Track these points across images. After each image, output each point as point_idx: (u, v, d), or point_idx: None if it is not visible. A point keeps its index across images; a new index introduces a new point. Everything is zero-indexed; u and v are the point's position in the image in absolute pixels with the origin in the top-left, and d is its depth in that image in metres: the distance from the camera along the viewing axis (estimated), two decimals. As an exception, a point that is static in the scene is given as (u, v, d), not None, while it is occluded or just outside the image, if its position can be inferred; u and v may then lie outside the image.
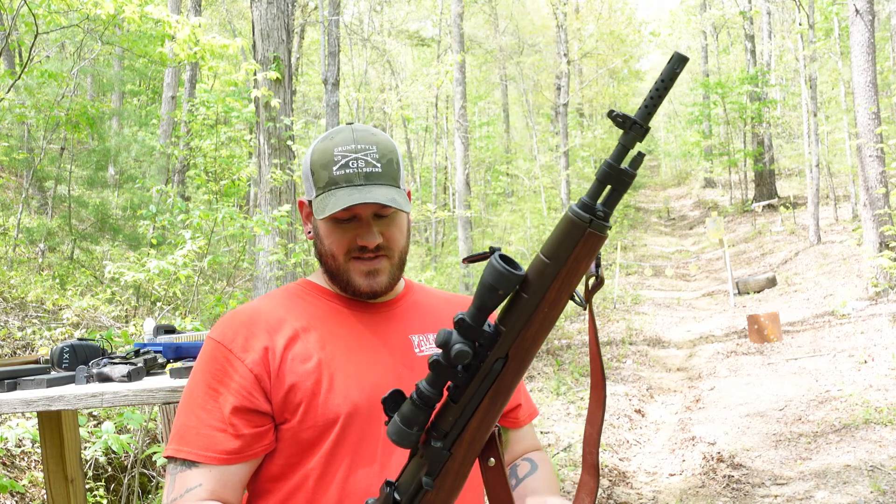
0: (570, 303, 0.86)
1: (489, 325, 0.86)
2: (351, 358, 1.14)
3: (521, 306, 0.84)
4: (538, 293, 0.83)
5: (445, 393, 0.89)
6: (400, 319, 1.23)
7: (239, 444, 1.08)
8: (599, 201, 0.81)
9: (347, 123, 1.21)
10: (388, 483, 0.94)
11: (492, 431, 0.92)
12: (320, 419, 1.09)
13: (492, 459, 0.93)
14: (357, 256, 1.16)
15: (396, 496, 0.93)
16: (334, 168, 1.14)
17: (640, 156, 0.80)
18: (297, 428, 1.10)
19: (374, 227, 1.15)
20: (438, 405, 0.90)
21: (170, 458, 1.10)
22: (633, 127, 0.78)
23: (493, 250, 0.84)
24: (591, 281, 0.87)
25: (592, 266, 0.85)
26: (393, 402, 0.90)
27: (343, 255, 1.16)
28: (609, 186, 0.81)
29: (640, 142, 0.79)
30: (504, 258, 0.83)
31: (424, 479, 0.91)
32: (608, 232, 0.82)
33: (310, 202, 1.21)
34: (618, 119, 0.78)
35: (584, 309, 0.88)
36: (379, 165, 1.15)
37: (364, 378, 1.12)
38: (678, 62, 0.77)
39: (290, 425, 1.10)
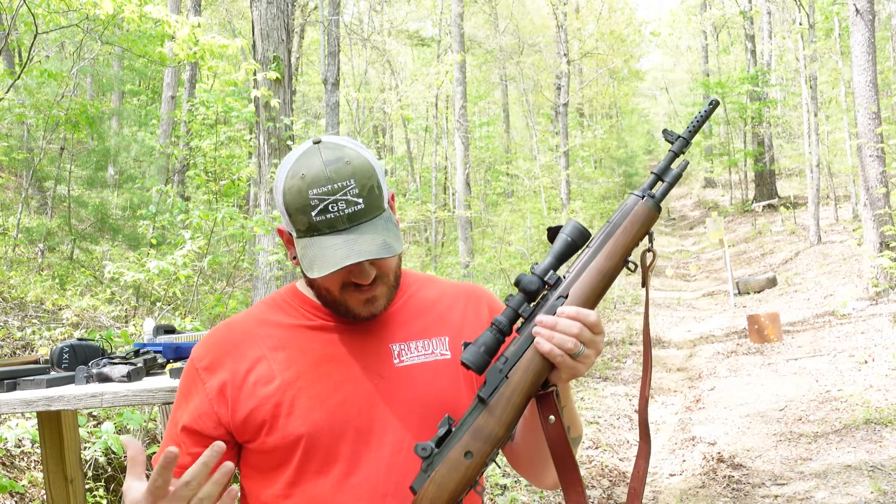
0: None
1: (557, 275, 1.06)
2: (317, 377, 1.11)
3: (584, 257, 1.06)
4: (598, 247, 1.05)
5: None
6: (383, 328, 1.17)
7: (188, 460, 1.12)
8: (654, 189, 1.08)
9: (314, 142, 1.10)
10: (447, 416, 1.04)
11: (550, 390, 1.04)
12: (282, 441, 1.09)
13: (552, 417, 1.03)
14: (353, 290, 1.11)
15: (451, 427, 1.03)
16: (313, 214, 1.04)
17: (685, 162, 1.11)
18: (262, 448, 1.11)
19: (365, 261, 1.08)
20: (509, 340, 1.04)
21: None
22: (679, 140, 1.10)
23: (570, 221, 1.08)
24: (648, 256, 1.09)
25: (647, 241, 1.09)
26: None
27: (338, 290, 1.11)
28: (661, 182, 1.09)
29: (684, 152, 1.11)
30: (579, 224, 1.07)
31: (480, 393, 1.02)
32: (656, 211, 1.07)
33: (290, 233, 1.13)
34: (667, 135, 1.11)
35: (642, 286, 1.10)
36: (361, 201, 1.05)
37: (329, 398, 1.10)
38: (714, 104, 1.10)
39: (255, 445, 1.11)
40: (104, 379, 1.83)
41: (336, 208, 1.04)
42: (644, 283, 1.08)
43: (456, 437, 1.01)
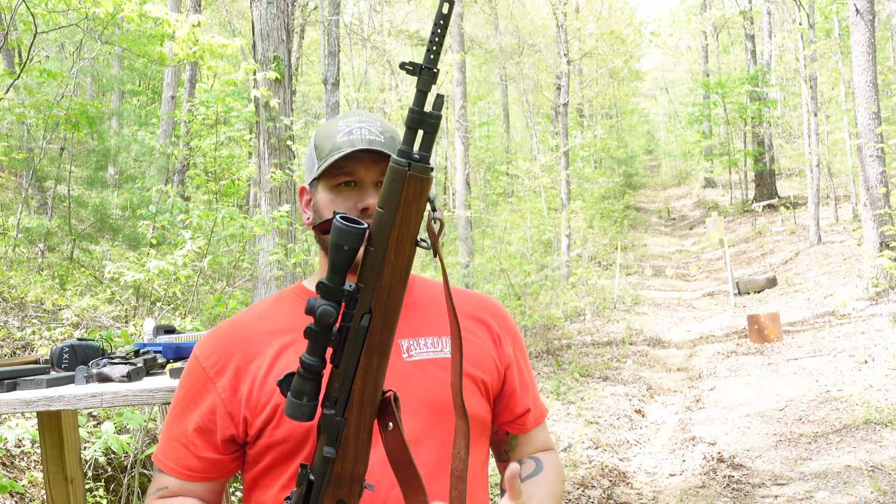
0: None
1: (350, 286, 0.89)
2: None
3: (370, 260, 0.89)
4: (381, 244, 0.88)
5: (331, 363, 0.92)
6: None
7: (199, 464, 1.12)
8: (415, 147, 0.87)
9: None
10: (301, 465, 0.95)
11: (386, 397, 0.93)
12: (291, 434, 1.09)
13: (389, 424, 0.93)
14: None
15: (311, 477, 0.94)
16: (338, 136, 1.16)
17: (440, 97, 0.87)
18: (270, 443, 1.10)
19: (375, 193, 1.15)
20: (326, 374, 0.91)
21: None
22: (424, 72, 0.84)
23: (335, 213, 0.90)
24: (434, 225, 0.93)
25: (430, 210, 0.91)
26: (287, 382, 0.92)
27: None
28: (420, 131, 0.86)
29: (434, 84, 0.85)
30: (346, 218, 0.89)
31: (326, 448, 0.92)
32: (430, 174, 0.87)
33: (310, 185, 1.22)
34: (408, 67, 0.85)
35: (434, 256, 0.94)
36: (382, 137, 1.15)
37: None
38: (447, 6, 0.83)
39: (264, 440, 1.11)
40: (104, 379, 1.83)
41: (359, 132, 1.15)
42: (436, 253, 0.95)
43: (321, 490, 0.93)
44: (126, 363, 1.88)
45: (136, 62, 13.04)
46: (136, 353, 2.02)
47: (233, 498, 3.55)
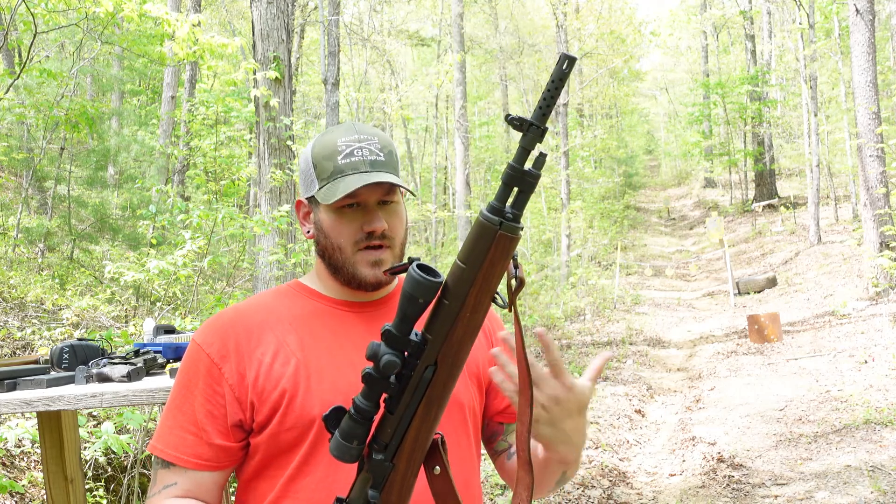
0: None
1: (416, 334, 0.88)
2: (330, 359, 1.14)
3: (443, 313, 0.86)
4: (458, 299, 0.85)
5: (383, 405, 0.91)
6: (387, 318, 1.20)
7: (210, 452, 1.11)
8: (508, 204, 0.83)
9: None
10: (338, 500, 0.95)
11: (434, 440, 0.93)
12: (298, 421, 1.10)
13: (437, 468, 0.93)
14: (364, 247, 1.16)
15: None
16: (339, 158, 1.14)
17: (542, 156, 0.82)
18: (276, 430, 1.11)
19: (380, 214, 1.16)
20: (377, 417, 0.91)
21: (153, 454, 1.15)
22: (531, 129, 0.80)
23: (411, 260, 0.87)
24: (513, 283, 0.88)
25: (512, 268, 0.87)
26: (335, 418, 0.91)
27: (350, 245, 1.16)
28: (515, 188, 0.82)
29: (540, 142, 0.80)
30: (422, 267, 0.86)
31: (370, 492, 0.92)
32: (520, 233, 0.84)
33: (308, 200, 1.21)
34: (515, 122, 0.80)
35: (509, 311, 0.89)
36: (382, 155, 1.16)
37: (341, 379, 1.12)
38: (567, 63, 0.78)
39: (269, 429, 1.11)
40: (104, 379, 1.83)
41: (360, 153, 1.15)
42: (510, 306, 0.89)
43: None
44: (126, 363, 1.88)
45: (136, 62, 13.04)
46: (136, 353, 2.02)
47: (232, 498, 3.55)
